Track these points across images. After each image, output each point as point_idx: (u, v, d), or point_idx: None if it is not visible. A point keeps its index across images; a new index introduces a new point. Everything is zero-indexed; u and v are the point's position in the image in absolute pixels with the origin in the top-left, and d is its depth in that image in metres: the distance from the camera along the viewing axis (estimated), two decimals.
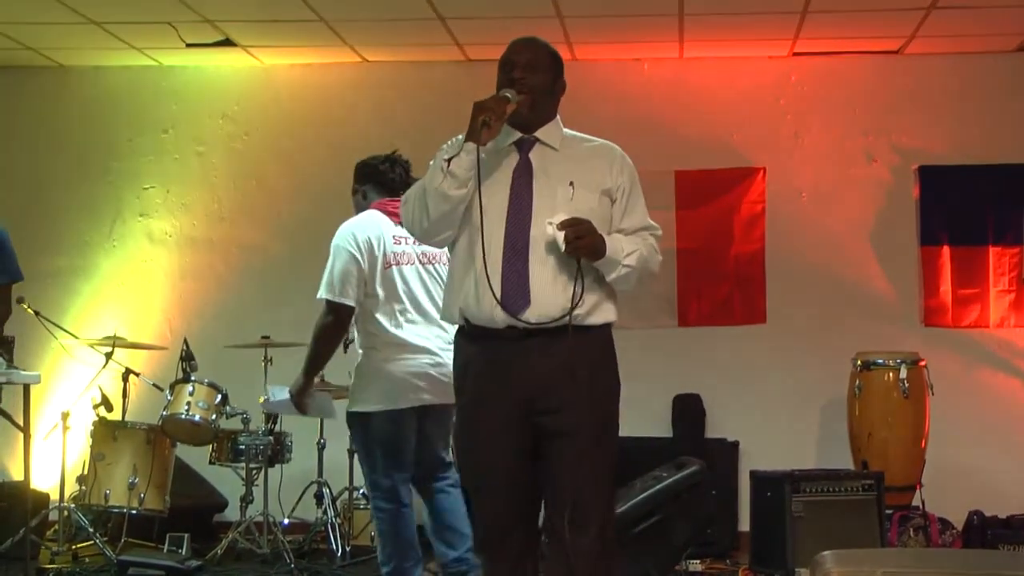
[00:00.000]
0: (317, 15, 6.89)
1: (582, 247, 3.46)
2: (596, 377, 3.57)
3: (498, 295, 3.47)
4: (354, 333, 5.13)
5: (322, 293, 4.94)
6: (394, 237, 4.95)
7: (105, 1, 6.75)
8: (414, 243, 4.86)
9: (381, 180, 5.18)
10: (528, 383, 3.51)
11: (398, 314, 4.91)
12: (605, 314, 3.63)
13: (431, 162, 3.63)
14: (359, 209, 5.19)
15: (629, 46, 7.49)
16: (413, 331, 4.91)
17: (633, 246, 3.63)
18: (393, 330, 4.89)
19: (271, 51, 7.68)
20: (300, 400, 5.15)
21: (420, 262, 4.98)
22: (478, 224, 3.52)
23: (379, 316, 4.90)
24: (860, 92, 7.61)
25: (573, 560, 3.45)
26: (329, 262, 4.98)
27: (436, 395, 4.86)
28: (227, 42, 7.42)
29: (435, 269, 4.98)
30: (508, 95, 3.55)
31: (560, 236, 3.44)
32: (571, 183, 3.57)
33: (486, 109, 3.48)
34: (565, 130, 3.74)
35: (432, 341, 4.91)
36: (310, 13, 6.83)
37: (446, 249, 4.90)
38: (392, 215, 4.92)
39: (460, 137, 3.59)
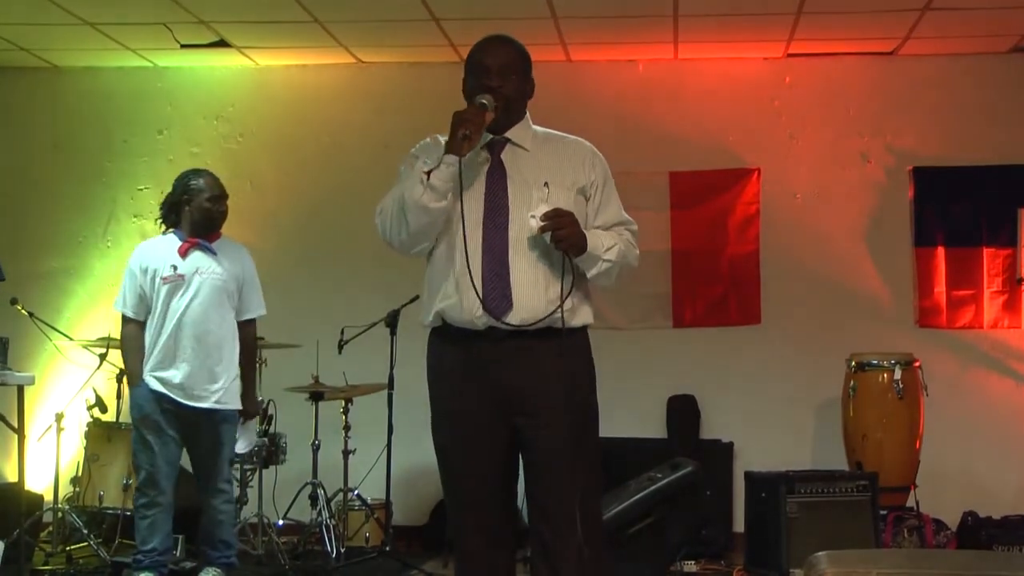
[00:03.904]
0: (311, 16, 6.88)
1: (565, 238, 3.42)
2: (577, 380, 3.54)
3: (481, 299, 3.43)
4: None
5: (263, 311, 5.85)
6: None
7: (99, 2, 6.75)
8: None
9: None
10: (509, 384, 3.47)
11: None
12: (584, 316, 3.60)
13: (402, 169, 3.60)
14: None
15: (624, 47, 7.50)
16: None
17: (612, 241, 3.59)
18: None
19: (265, 52, 7.68)
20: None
21: None
22: (456, 229, 3.49)
23: None
24: (855, 93, 7.61)
25: (557, 566, 3.43)
26: (256, 280, 5.81)
27: None
28: (222, 43, 7.41)
29: None
30: (485, 103, 3.49)
31: (539, 227, 3.41)
32: (545, 183, 3.54)
33: (467, 121, 3.43)
34: (535, 128, 3.69)
35: None
36: (304, 14, 6.83)
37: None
38: None
39: (429, 141, 3.59)
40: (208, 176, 5.74)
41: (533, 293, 3.47)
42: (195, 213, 5.64)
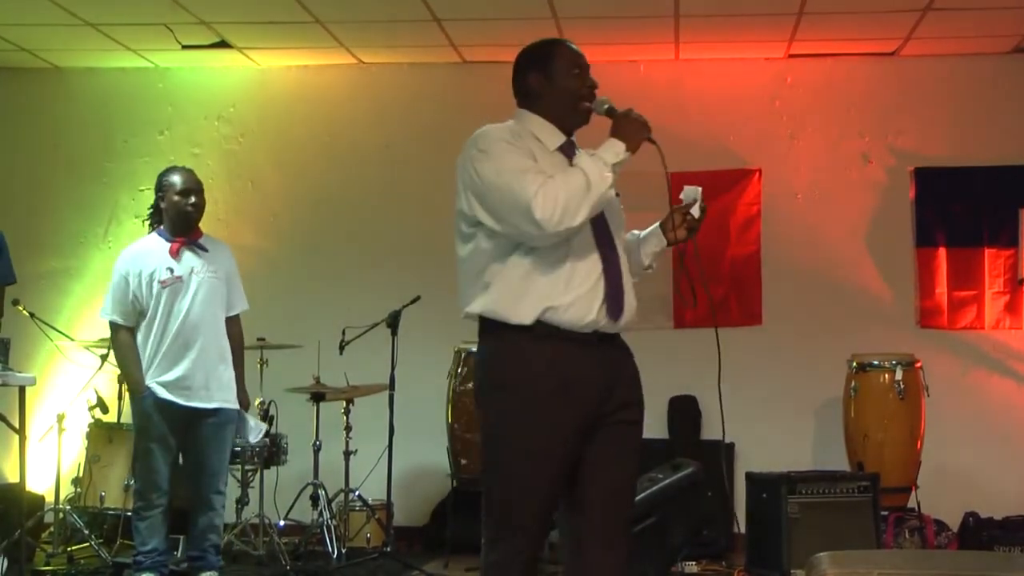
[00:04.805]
0: (313, 17, 6.89)
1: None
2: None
3: (605, 304, 3.44)
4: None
5: (247, 306, 5.81)
6: None
7: (101, 3, 6.75)
8: None
9: None
10: (608, 382, 3.47)
11: None
12: None
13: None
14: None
15: (625, 48, 7.49)
16: None
17: None
18: None
19: (267, 53, 7.68)
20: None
21: None
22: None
23: None
24: (856, 94, 7.61)
25: (613, 550, 3.49)
26: (239, 276, 5.79)
27: None
28: (223, 44, 7.42)
29: None
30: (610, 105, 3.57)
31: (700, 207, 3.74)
32: (617, 193, 3.61)
33: (649, 128, 3.59)
34: None
35: None
36: (306, 15, 6.84)
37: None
38: None
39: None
40: (180, 172, 5.67)
41: (632, 298, 3.56)
42: (170, 211, 5.61)
